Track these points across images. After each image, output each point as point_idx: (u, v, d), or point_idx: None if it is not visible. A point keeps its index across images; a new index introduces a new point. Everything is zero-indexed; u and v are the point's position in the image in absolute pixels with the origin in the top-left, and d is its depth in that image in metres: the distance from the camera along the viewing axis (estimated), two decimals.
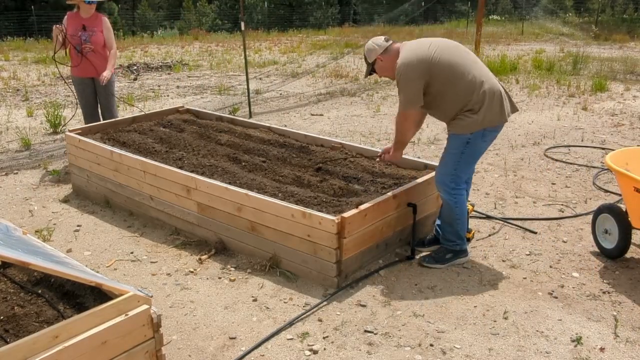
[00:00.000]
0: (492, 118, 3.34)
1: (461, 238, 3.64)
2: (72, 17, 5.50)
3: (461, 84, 3.31)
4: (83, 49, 5.46)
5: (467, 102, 3.32)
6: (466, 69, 3.33)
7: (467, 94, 3.32)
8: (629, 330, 2.97)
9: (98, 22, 5.56)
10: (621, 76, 10.88)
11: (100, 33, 5.53)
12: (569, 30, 22.16)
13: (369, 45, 3.54)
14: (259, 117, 7.87)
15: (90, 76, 5.58)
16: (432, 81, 3.33)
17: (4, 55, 15.12)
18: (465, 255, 3.69)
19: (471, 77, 3.32)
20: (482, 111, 3.31)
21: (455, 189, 3.50)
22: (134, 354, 2.34)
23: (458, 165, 3.46)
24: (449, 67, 3.31)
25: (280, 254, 3.57)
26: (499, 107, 3.35)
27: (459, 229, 3.60)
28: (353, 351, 2.82)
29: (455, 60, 3.34)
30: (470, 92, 3.31)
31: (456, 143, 3.44)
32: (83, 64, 5.51)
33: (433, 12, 33.14)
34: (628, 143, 6.39)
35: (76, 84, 5.67)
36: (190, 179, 3.90)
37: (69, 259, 2.75)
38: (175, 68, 13.12)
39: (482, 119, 3.33)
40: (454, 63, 3.33)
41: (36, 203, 4.84)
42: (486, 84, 3.33)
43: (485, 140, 3.44)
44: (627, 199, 3.51)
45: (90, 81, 5.61)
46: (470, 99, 3.31)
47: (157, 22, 36.37)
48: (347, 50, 15.71)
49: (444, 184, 3.52)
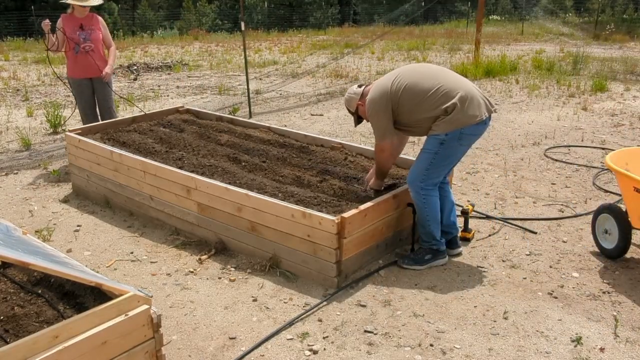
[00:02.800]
0: (466, 119, 3.36)
1: (435, 238, 3.62)
2: (67, 19, 5.47)
3: (430, 99, 3.39)
4: (83, 48, 5.44)
5: (440, 113, 3.38)
6: (433, 83, 3.41)
7: (438, 105, 3.38)
8: (629, 330, 2.97)
9: (95, 20, 5.57)
10: (621, 76, 10.88)
11: (98, 31, 5.54)
12: (569, 30, 22.17)
13: (346, 97, 3.74)
14: (259, 117, 7.87)
15: (90, 76, 5.55)
16: (399, 108, 3.46)
17: (4, 55, 15.12)
18: (444, 256, 3.67)
19: (442, 88, 3.39)
20: (455, 112, 3.35)
21: (425, 189, 3.52)
22: (134, 354, 2.34)
23: (430, 165, 3.49)
24: (412, 89, 3.42)
25: (280, 254, 3.57)
26: (475, 108, 3.39)
27: (432, 230, 3.59)
28: (353, 351, 2.83)
29: (418, 81, 3.44)
30: (443, 102, 3.37)
31: (431, 143, 3.48)
32: (81, 65, 5.49)
33: (433, 12, 33.14)
34: (628, 143, 6.39)
35: (74, 86, 5.64)
36: (190, 179, 3.90)
37: (69, 259, 2.75)
38: (175, 68, 13.13)
39: (457, 118, 3.35)
40: (417, 83, 3.43)
41: (36, 203, 4.84)
42: (460, 90, 3.39)
43: (462, 142, 3.45)
44: (627, 199, 3.51)
45: (89, 82, 5.59)
46: (444, 107, 3.36)
47: (157, 22, 36.37)
48: (347, 51, 15.72)
49: (413, 182, 3.55)
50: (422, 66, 3.61)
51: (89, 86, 5.61)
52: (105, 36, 5.63)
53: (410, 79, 3.46)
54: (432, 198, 3.55)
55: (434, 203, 3.56)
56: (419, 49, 15.92)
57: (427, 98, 3.40)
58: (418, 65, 3.64)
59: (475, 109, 3.38)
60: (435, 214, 3.58)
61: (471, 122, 3.37)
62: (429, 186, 3.53)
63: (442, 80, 3.44)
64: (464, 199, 4.78)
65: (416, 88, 3.42)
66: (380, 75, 11.54)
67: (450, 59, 13.38)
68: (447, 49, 15.82)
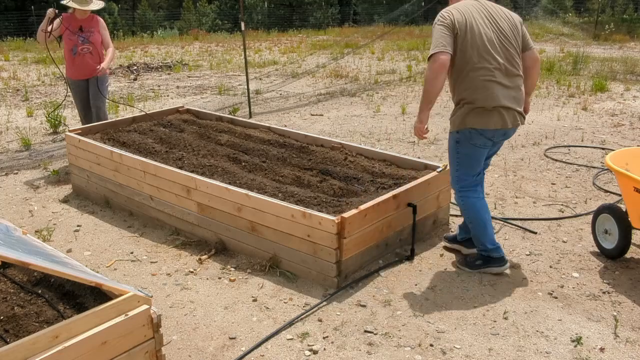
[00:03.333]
0: (477, 120, 3.19)
1: (483, 244, 3.45)
2: (68, 19, 5.48)
3: (480, 66, 3.15)
4: (81, 50, 5.46)
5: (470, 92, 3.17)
6: (493, 55, 3.14)
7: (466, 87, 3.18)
8: (629, 330, 2.97)
9: (95, 22, 5.58)
10: (621, 76, 10.87)
11: (97, 33, 5.56)
12: (569, 30, 22.16)
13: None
14: (259, 117, 7.87)
15: (86, 78, 5.59)
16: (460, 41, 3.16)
17: (4, 55, 15.11)
18: (500, 264, 3.46)
19: (492, 66, 3.14)
20: (469, 106, 3.18)
21: (461, 190, 3.42)
22: (134, 354, 2.34)
23: (459, 166, 3.40)
24: (473, 44, 3.15)
25: (280, 254, 3.57)
26: (494, 114, 3.18)
27: (479, 235, 3.43)
28: (353, 351, 2.83)
29: (485, 44, 3.15)
30: (482, 83, 3.14)
31: (450, 142, 3.40)
32: (79, 66, 5.52)
33: (433, 12, 33.08)
34: (628, 143, 6.39)
35: (72, 87, 5.69)
36: (190, 179, 3.91)
37: (69, 259, 2.75)
38: (175, 68, 13.12)
39: (466, 114, 3.20)
40: (482, 45, 3.14)
41: (36, 203, 4.84)
42: (499, 85, 3.16)
43: (475, 144, 3.27)
44: (627, 199, 3.51)
45: (85, 83, 5.63)
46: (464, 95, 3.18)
47: (157, 22, 36.34)
48: (347, 51, 15.72)
49: (452, 185, 3.53)
50: (502, 29, 3.23)
51: (85, 88, 5.65)
52: (105, 37, 5.64)
53: (482, 36, 3.16)
54: (470, 200, 3.39)
55: (471, 205, 3.40)
56: (419, 49, 15.90)
57: (470, 69, 3.15)
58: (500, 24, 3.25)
59: (495, 115, 3.19)
60: (476, 216, 3.40)
61: (480, 126, 3.20)
62: (465, 187, 3.40)
63: (502, 62, 3.16)
64: None
65: (474, 49, 3.14)
66: (380, 75, 11.54)
67: None
68: None
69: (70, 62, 5.56)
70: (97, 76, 5.56)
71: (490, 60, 3.16)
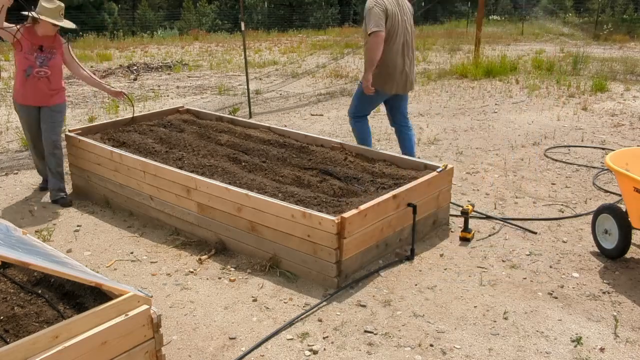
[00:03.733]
0: (382, 86, 4.65)
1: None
2: (27, 33, 4.54)
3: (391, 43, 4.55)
4: (37, 73, 4.55)
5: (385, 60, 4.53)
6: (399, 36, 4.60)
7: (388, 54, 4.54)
8: (629, 330, 2.97)
9: (58, 42, 4.64)
10: (621, 76, 10.87)
11: (59, 56, 4.65)
12: (569, 30, 22.17)
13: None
14: (259, 118, 7.87)
15: (38, 105, 4.67)
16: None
17: (4, 55, 15.11)
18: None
19: (399, 44, 4.61)
20: (383, 74, 4.59)
21: (353, 119, 5.04)
22: (134, 354, 2.34)
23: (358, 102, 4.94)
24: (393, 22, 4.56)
25: (280, 254, 3.57)
26: (397, 80, 4.66)
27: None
28: (353, 351, 2.83)
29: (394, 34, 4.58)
30: (392, 56, 4.56)
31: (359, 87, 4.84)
32: (31, 90, 4.60)
33: (433, 12, 33.15)
34: (628, 143, 6.39)
35: (20, 112, 4.78)
36: (190, 179, 3.91)
37: (69, 259, 2.75)
38: (175, 68, 13.12)
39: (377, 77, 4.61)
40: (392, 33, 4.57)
41: (36, 203, 4.84)
42: (401, 57, 4.61)
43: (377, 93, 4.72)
44: (627, 199, 3.51)
45: (36, 110, 4.71)
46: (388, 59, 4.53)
47: (157, 22, 36.33)
48: (347, 51, 15.72)
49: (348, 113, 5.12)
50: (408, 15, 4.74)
51: (36, 116, 4.71)
52: (70, 63, 4.73)
53: (397, 19, 4.56)
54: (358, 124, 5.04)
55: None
56: (419, 49, 15.90)
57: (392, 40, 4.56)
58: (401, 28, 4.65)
59: (397, 82, 4.67)
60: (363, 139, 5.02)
61: (385, 90, 4.71)
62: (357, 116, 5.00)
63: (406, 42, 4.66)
64: (464, 199, 4.79)
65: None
66: None
67: (450, 59, 13.38)
68: (447, 49, 15.81)
69: (21, 84, 4.61)
70: (51, 106, 4.67)
71: (400, 37, 4.61)
